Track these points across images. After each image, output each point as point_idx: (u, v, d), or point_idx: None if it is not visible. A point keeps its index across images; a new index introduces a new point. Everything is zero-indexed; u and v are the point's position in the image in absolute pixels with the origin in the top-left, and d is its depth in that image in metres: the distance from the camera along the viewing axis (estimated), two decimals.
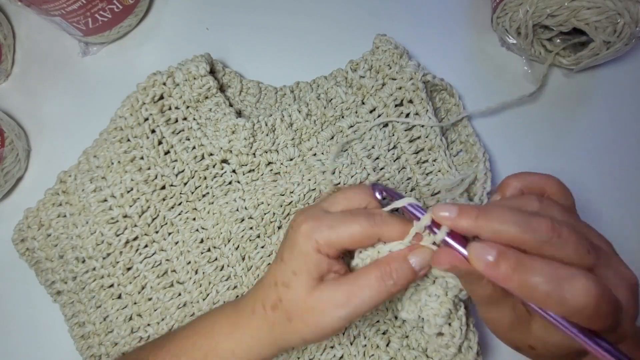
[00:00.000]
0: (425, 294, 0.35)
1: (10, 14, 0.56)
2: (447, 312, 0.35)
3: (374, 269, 0.32)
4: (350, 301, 0.32)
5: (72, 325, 0.46)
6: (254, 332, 0.35)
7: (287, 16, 0.55)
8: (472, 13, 0.54)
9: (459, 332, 0.36)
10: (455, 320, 0.36)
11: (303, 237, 0.33)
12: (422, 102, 0.46)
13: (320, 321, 0.32)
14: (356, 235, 0.33)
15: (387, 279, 0.32)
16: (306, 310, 0.33)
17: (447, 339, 0.36)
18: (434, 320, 0.35)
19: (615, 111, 0.51)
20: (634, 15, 0.42)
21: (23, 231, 0.47)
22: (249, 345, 0.35)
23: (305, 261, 0.33)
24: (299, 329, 0.33)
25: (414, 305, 0.35)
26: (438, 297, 0.35)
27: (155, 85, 0.46)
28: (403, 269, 0.32)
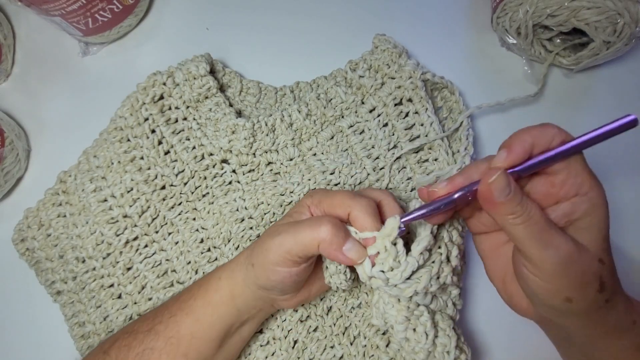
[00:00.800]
0: (382, 302, 0.36)
1: (10, 14, 0.56)
2: (404, 318, 0.35)
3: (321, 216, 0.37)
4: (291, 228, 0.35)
5: (72, 325, 0.46)
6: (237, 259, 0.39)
7: (287, 16, 0.55)
8: (472, 13, 0.54)
9: (424, 337, 0.36)
10: (419, 325, 0.36)
11: (307, 194, 0.40)
12: (422, 100, 0.46)
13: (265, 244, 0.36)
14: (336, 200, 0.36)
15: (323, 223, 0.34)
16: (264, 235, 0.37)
17: (413, 344, 0.37)
18: (395, 327, 0.36)
19: (615, 111, 0.51)
20: (634, 15, 0.42)
21: (23, 231, 0.47)
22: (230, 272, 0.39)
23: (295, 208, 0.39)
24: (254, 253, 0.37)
25: (378, 312, 0.37)
26: (393, 305, 0.36)
27: (155, 85, 0.46)
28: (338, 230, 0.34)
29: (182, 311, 0.39)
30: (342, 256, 0.34)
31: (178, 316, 0.38)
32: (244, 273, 0.38)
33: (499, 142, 0.49)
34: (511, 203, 0.30)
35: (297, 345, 0.44)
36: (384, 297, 0.36)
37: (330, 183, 0.45)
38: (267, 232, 0.38)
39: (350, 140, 0.46)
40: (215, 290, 0.39)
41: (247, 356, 0.44)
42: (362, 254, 0.34)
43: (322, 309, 0.45)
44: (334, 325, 0.45)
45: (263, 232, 0.41)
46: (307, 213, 0.38)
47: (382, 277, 0.33)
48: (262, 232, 0.45)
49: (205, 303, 0.38)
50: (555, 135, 0.32)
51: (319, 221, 0.34)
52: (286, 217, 0.39)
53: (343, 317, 0.45)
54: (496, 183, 0.30)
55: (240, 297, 0.38)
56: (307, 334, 0.44)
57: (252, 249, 0.38)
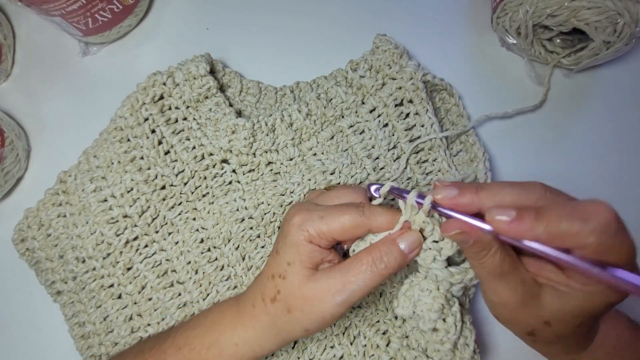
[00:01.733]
0: (418, 289, 0.36)
1: (10, 14, 0.56)
2: (440, 306, 0.35)
3: (365, 254, 0.33)
4: (346, 287, 0.33)
5: (72, 325, 0.46)
6: (256, 325, 0.36)
7: (287, 16, 0.55)
8: (472, 13, 0.54)
9: (454, 328, 0.36)
10: (450, 316, 0.36)
11: (295, 228, 0.34)
12: (422, 101, 0.46)
13: (319, 309, 0.33)
14: (346, 224, 0.33)
15: (379, 263, 0.32)
16: (304, 300, 0.34)
17: (442, 334, 0.37)
18: (427, 315, 0.35)
19: (615, 111, 0.51)
20: (634, 15, 0.42)
21: (23, 231, 0.47)
22: (252, 338, 0.36)
23: (298, 251, 0.34)
24: (299, 318, 0.34)
25: (408, 301, 0.36)
26: (430, 291, 0.35)
27: (155, 85, 0.46)
28: (392, 252, 0.33)
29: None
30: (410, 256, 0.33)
31: None
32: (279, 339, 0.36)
33: (499, 141, 0.50)
34: (467, 251, 0.31)
35: (297, 345, 0.44)
36: (421, 284, 0.35)
37: (331, 183, 0.45)
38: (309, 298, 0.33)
39: (350, 141, 0.46)
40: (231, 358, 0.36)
41: None
42: (418, 237, 0.33)
43: None
44: (334, 325, 0.45)
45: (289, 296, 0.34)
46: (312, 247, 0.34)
47: (436, 248, 0.33)
48: (262, 232, 0.45)
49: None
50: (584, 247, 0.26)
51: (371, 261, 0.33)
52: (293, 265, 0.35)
53: (343, 317, 0.45)
54: (452, 237, 0.30)
55: (268, 353, 0.37)
56: None
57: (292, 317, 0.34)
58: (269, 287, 0.36)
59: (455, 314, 0.36)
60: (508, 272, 0.30)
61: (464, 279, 0.34)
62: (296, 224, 0.34)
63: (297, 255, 0.34)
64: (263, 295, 0.36)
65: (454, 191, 0.30)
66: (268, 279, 0.36)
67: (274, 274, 0.35)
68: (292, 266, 0.34)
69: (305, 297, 0.34)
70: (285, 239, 0.35)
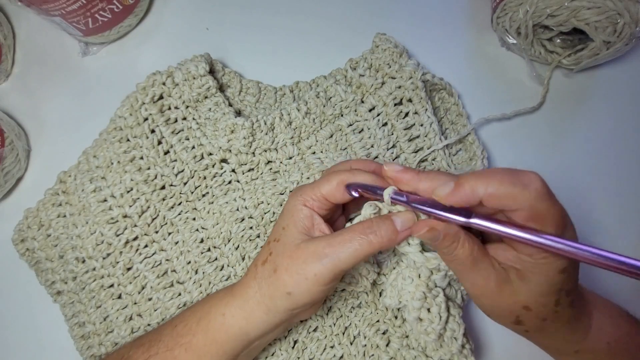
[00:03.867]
0: (401, 278, 0.37)
1: (10, 14, 0.56)
2: (422, 294, 0.36)
3: (358, 225, 0.34)
4: (334, 251, 0.33)
5: (72, 325, 0.46)
6: (244, 292, 0.36)
7: (287, 16, 0.55)
8: (472, 13, 0.54)
9: (438, 318, 0.37)
10: (434, 306, 0.37)
11: (292, 196, 0.37)
12: (422, 101, 0.46)
13: (302, 269, 0.33)
14: (333, 182, 0.35)
15: (369, 232, 0.33)
16: (290, 259, 0.34)
17: (426, 324, 0.37)
18: (411, 304, 0.36)
19: (615, 111, 0.51)
20: (634, 15, 0.42)
21: (23, 231, 0.47)
22: (239, 307, 0.36)
23: (292, 215, 0.36)
24: (283, 279, 0.34)
25: (394, 290, 0.37)
26: (412, 280, 0.36)
27: (154, 85, 0.46)
28: (385, 223, 0.33)
29: (180, 346, 0.36)
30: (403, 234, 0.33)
31: (176, 351, 0.36)
32: (265, 306, 0.35)
33: (499, 141, 0.50)
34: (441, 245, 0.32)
35: (297, 345, 0.44)
36: (403, 272, 0.37)
37: None
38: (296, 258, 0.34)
39: (349, 139, 0.46)
40: (219, 329, 0.36)
41: None
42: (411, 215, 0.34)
43: (322, 309, 0.45)
44: (334, 325, 0.45)
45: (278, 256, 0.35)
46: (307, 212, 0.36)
47: None
48: (261, 232, 0.45)
49: (209, 341, 0.36)
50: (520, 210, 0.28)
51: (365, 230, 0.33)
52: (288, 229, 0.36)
53: (343, 317, 0.45)
54: (423, 236, 0.32)
55: (255, 330, 0.36)
56: (307, 333, 0.44)
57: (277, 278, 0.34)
58: (263, 252, 0.37)
59: (440, 304, 0.37)
60: (479, 259, 0.31)
61: (440, 265, 0.35)
62: (293, 193, 0.37)
63: (291, 219, 0.36)
64: (256, 262, 0.37)
65: (399, 167, 0.33)
66: (264, 248, 0.37)
67: (270, 240, 0.37)
68: (286, 229, 0.36)
69: (292, 256, 0.34)
70: (284, 208, 0.37)
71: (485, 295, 0.32)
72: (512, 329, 0.34)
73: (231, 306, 0.36)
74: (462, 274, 0.33)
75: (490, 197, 0.28)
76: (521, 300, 0.31)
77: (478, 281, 0.32)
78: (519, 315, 0.32)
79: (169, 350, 0.36)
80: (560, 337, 0.34)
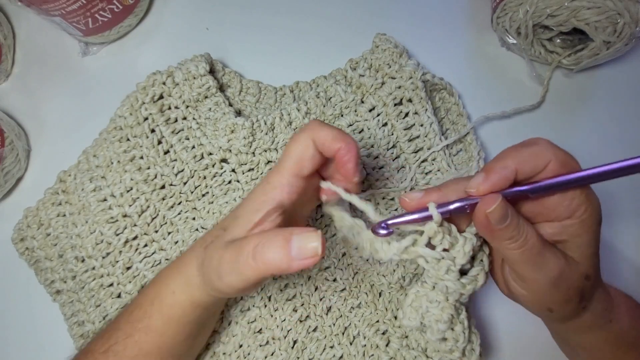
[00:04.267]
0: (426, 301, 0.34)
1: (10, 14, 0.56)
2: (449, 317, 0.34)
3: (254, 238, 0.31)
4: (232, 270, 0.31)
5: (72, 324, 0.46)
6: (188, 269, 0.36)
7: (287, 16, 0.55)
8: (472, 13, 0.54)
9: (462, 336, 0.35)
10: (458, 324, 0.35)
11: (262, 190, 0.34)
12: (422, 101, 0.46)
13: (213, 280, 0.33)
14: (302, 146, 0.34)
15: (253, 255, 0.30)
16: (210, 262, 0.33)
17: (451, 343, 0.36)
18: (436, 326, 0.34)
19: (615, 111, 0.51)
20: (634, 15, 0.42)
21: (23, 230, 0.47)
22: (184, 282, 0.36)
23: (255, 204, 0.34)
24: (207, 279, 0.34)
25: (415, 312, 0.35)
26: (439, 302, 0.34)
27: (155, 84, 0.46)
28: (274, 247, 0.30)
29: (138, 331, 0.36)
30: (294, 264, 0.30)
31: (135, 336, 0.36)
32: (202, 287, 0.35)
33: (499, 141, 0.50)
34: (508, 230, 0.30)
35: (297, 345, 0.44)
36: (429, 295, 0.34)
37: None
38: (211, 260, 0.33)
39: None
40: (171, 305, 0.36)
41: (247, 356, 0.44)
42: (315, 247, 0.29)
43: (322, 309, 0.45)
44: (334, 325, 0.44)
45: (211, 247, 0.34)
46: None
47: (450, 257, 0.32)
48: None
49: (165, 319, 0.36)
50: (549, 161, 0.30)
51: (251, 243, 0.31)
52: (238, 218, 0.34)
53: (342, 317, 0.45)
54: (494, 213, 0.29)
55: (204, 301, 0.36)
56: (307, 333, 0.44)
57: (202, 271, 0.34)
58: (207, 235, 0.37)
59: (463, 322, 0.35)
60: (545, 240, 0.31)
61: (475, 288, 0.33)
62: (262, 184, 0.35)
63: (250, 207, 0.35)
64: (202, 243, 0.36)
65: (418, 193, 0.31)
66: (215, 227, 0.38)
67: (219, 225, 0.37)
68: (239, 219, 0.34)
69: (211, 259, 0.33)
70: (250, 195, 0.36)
71: (562, 278, 0.31)
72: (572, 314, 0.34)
73: (176, 282, 0.36)
74: (535, 261, 0.31)
75: (523, 164, 0.29)
76: (583, 270, 0.31)
77: (554, 262, 0.31)
78: (583, 289, 0.32)
79: (128, 337, 0.36)
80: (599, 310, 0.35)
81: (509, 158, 0.30)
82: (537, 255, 0.31)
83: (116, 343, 0.37)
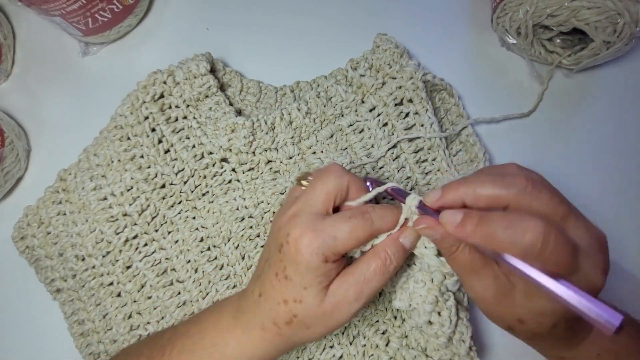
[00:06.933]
0: (413, 281, 0.37)
1: (10, 14, 0.56)
2: (434, 298, 0.36)
3: (375, 258, 0.34)
4: (363, 294, 0.34)
5: (72, 323, 0.46)
6: (268, 345, 0.35)
7: (287, 16, 0.55)
8: (472, 13, 0.55)
9: (449, 322, 0.37)
10: (445, 309, 0.37)
11: (309, 253, 0.32)
12: (422, 101, 0.46)
13: (338, 319, 0.34)
14: (360, 238, 0.33)
15: (389, 265, 0.34)
16: (324, 315, 0.34)
17: (437, 327, 0.37)
18: (422, 308, 0.36)
19: (615, 111, 0.51)
20: (634, 15, 0.42)
21: (23, 229, 0.47)
22: (262, 356, 0.36)
23: (316, 275, 0.33)
24: (319, 331, 0.35)
25: (405, 293, 0.37)
26: (425, 283, 0.36)
27: (155, 83, 0.46)
28: (398, 250, 0.34)
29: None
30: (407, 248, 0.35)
31: None
32: (290, 343, 0.35)
33: (499, 141, 0.50)
34: (439, 247, 0.33)
35: None
36: (416, 275, 0.37)
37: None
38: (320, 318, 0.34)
39: (349, 139, 0.46)
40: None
41: None
42: (416, 233, 0.35)
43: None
44: None
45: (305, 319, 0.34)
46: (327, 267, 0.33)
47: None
48: (261, 232, 0.45)
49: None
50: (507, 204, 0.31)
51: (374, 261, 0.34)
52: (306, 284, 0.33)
53: None
54: (421, 231, 0.33)
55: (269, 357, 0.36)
56: None
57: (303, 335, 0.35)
58: (281, 312, 0.34)
59: (450, 308, 0.37)
60: (479, 268, 0.32)
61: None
62: (310, 249, 0.32)
63: (315, 279, 0.33)
64: (275, 320, 0.34)
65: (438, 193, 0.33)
66: (279, 304, 0.34)
67: (287, 299, 0.34)
68: (309, 289, 0.33)
69: (325, 312, 0.33)
70: (298, 265, 0.33)
71: (482, 301, 0.33)
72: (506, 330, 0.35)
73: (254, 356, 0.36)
74: (461, 277, 0.34)
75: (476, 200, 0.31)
76: (517, 314, 0.32)
77: (476, 287, 0.32)
78: (512, 325, 0.33)
79: None
80: (549, 346, 0.35)
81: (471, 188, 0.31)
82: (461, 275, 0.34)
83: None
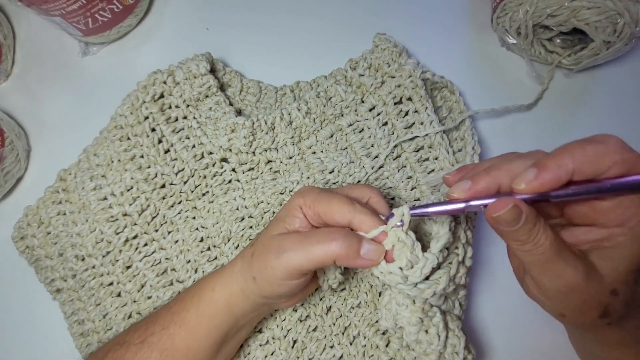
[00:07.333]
0: (395, 303, 0.36)
1: (10, 14, 0.56)
2: (418, 319, 0.35)
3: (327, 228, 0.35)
4: (292, 247, 0.34)
5: (72, 322, 0.46)
6: (230, 268, 0.38)
7: (287, 16, 0.55)
8: (472, 13, 0.55)
9: (437, 339, 0.36)
10: (432, 327, 0.36)
11: (297, 194, 0.37)
12: (421, 99, 0.46)
13: (265, 259, 0.35)
14: (334, 206, 0.34)
15: (335, 237, 0.33)
16: (264, 248, 0.35)
17: (425, 346, 0.36)
18: (408, 329, 0.35)
19: (615, 111, 0.51)
20: (634, 15, 0.42)
21: (23, 229, 0.47)
22: (225, 281, 0.38)
23: (286, 210, 0.37)
24: (252, 265, 0.36)
25: (389, 313, 0.36)
26: (407, 306, 0.35)
27: (155, 83, 0.46)
28: (350, 238, 0.33)
29: (174, 324, 0.38)
30: (362, 261, 0.33)
31: (171, 329, 0.38)
32: (242, 284, 0.37)
33: (499, 141, 0.50)
34: (517, 233, 0.29)
35: (297, 344, 0.44)
36: (397, 298, 0.35)
37: (329, 182, 0.45)
38: (266, 246, 0.35)
39: (349, 139, 0.46)
40: (208, 303, 0.38)
41: (247, 355, 0.44)
42: (382, 251, 0.33)
43: (322, 309, 0.45)
44: (334, 325, 0.44)
45: (258, 242, 0.37)
46: (300, 215, 0.36)
47: (401, 275, 0.32)
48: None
49: (199, 315, 0.37)
50: (614, 164, 0.27)
51: (329, 235, 0.33)
52: (278, 221, 0.37)
53: (342, 317, 0.44)
54: (503, 216, 0.28)
55: (238, 306, 0.37)
56: (307, 333, 0.44)
57: (251, 262, 0.36)
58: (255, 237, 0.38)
59: (437, 324, 0.36)
60: (563, 247, 0.29)
61: (435, 291, 0.33)
62: (299, 191, 0.37)
63: (284, 211, 0.37)
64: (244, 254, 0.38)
65: (467, 184, 0.30)
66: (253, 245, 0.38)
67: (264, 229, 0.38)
68: (275, 221, 0.37)
69: (266, 245, 0.35)
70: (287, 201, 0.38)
71: (573, 289, 0.29)
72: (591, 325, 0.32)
73: (219, 280, 0.38)
74: (543, 267, 0.30)
75: (584, 164, 0.27)
76: (609, 284, 0.29)
77: (565, 272, 0.29)
78: (607, 305, 0.30)
79: (164, 329, 0.38)
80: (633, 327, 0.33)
81: (568, 156, 0.27)
82: (546, 261, 0.29)
83: (152, 334, 0.38)
